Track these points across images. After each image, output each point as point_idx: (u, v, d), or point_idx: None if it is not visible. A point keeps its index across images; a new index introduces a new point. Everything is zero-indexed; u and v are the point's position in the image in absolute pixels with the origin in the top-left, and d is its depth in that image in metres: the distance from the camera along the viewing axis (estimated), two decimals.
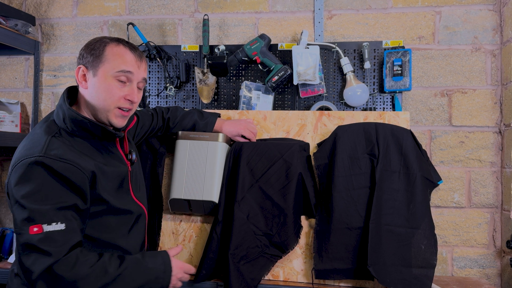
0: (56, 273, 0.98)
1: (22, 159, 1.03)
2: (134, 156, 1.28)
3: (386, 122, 1.55)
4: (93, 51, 1.13)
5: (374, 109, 1.81)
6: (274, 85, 1.77)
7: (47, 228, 0.99)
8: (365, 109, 1.81)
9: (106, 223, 1.15)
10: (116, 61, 1.12)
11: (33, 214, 0.99)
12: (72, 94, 1.19)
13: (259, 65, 1.82)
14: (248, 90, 1.83)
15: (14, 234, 1.81)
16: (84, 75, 1.14)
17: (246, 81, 1.85)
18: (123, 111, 1.16)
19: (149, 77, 1.95)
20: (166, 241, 1.60)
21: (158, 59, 1.90)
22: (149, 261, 1.14)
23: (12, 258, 1.74)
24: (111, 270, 1.05)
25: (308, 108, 1.84)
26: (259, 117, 1.65)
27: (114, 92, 1.13)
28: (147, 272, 1.12)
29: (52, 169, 1.01)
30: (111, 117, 1.15)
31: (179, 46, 1.94)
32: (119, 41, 1.16)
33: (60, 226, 1.00)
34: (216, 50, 1.84)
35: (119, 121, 1.17)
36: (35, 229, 0.98)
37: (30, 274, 0.99)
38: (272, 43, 1.85)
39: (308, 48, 1.78)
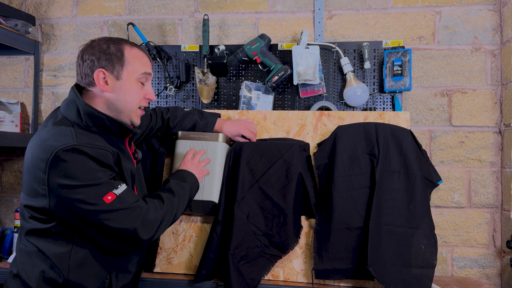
0: (149, 219, 1.12)
1: (56, 151, 1.03)
2: (140, 155, 1.33)
3: (386, 122, 1.55)
4: (112, 54, 1.15)
5: (374, 109, 1.81)
6: (274, 85, 1.77)
7: (117, 191, 1.08)
8: (365, 109, 1.81)
9: None
10: (137, 64, 1.19)
11: (99, 187, 1.06)
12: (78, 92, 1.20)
13: (259, 65, 1.82)
14: (248, 90, 1.83)
15: (15, 235, 1.81)
16: (105, 78, 1.15)
17: (246, 81, 1.85)
18: (142, 110, 1.25)
19: None
20: (166, 241, 1.60)
21: (158, 59, 1.90)
22: (181, 182, 1.32)
23: (12, 258, 1.74)
24: (173, 198, 1.24)
25: (308, 108, 1.84)
26: (259, 117, 1.65)
27: (138, 94, 1.20)
28: (185, 187, 1.31)
29: (89, 155, 1.06)
30: (134, 117, 1.22)
31: (179, 46, 1.94)
32: (132, 44, 1.21)
33: (124, 187, 1.11)
34: (216, 50, 1.84)
35: (138, 120, 1.25)
36: (109, 197, 1.06)
37: (131, 231, 1.09)
38: (272, 43, 1.85)
39: (308, 48, 1.78)
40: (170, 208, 1.21)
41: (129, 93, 1.18)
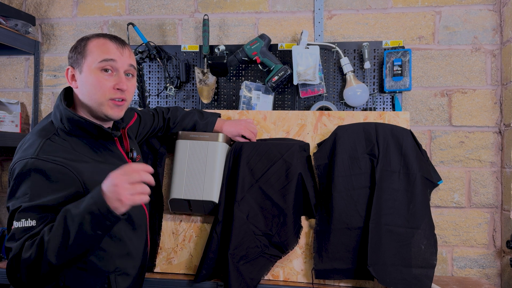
0: (11, 269, 0.97)
1: (17, 161, 1.05)
2: (135, 154, 1.27)
3: (386, 122, 1.55)
4: (76, 50, 1.14)
5: (374, 109, 1.81)
6: (274, 85, 1.77)
7: (16, 224, 0.99)
8: (365, 109, 1.81)
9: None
10: (97, 52, 1.12)
11: (14, 212, 1.01)
12: (69, 95, 1.20)
13: (259, 65, 1.82)
14: (248, 90, 1.83)
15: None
16: (73, 75, 1.15)
17: (246, 81, 1.85)
18: (116, 101, 1.14)
19: (149, 77, 1.95)
20: (166, 241, 1.60)
21: (158, 59, 1.90)
22: (70, 214, 0.96)
23: None
24: (46, 238, 0.94)
25: (308, 108, 1.84)
26: (259, 117, 1.65)
27: (102, 84, 1.11)
28: (69, 225, 0.94)
29: (42, 171, 1.02)
30: (106, 110, 1.14)
31: (179, 46, 1.94)
32: (99, 34, 1.16)
33: (28, 223, 0.98)
34: (216, 50, 1.84)
35: (115, 112, 1.15)
36: (14, 223, 1.00)
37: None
38: (272, 43, 1.85)
39: (308, 48, 1.78)
40: (35, 254, 0.94)
41: (89, 85, 1.11)
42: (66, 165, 1.06)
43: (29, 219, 0.98)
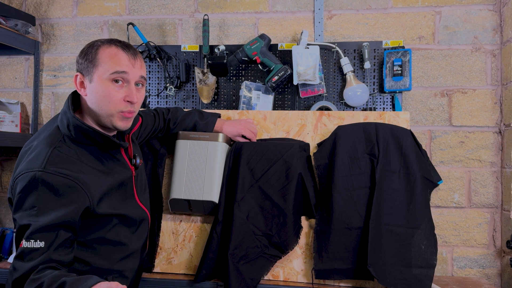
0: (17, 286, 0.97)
1: (23, 172, 1.03)
2: (138, 161, 1.27)
3: (386, 122, 1.55)
4: (87, 56, 1.11)
5: (374, 109, 1.81)
6: (274, 85, 1.77)
7: (25, 243, 0.97)
8: (365, 109, 1.81)
9: (112, 230, 1.16)
10: (109, 63, 1.09)
11: (23, 229, 0.99)
12: (76, 99, 1.18)
13: (259, 65, 1.82)
14: (248, 90, 1.83)
15: (14, 235, 1.81)
16: (82, 82, 1.13)
17: (246, 81, 1.85)
18: (126, 113, 1.13)
19: (149, 77, 1.95)
20: (166, 241, 1.60)
21: (158, 59, 1.90)
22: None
23: (11, 258, 1.74)
24: None
25: (308, 108, 1.84)
26: (259, 117, 1.65)
27: (112, 96, 1.10)
28: None
29: (50, 184, 1.01)
30: (115, 121, 1.13)
31: (179, 46, 1.94)
32: (111, 42, 1.13)
33: (38, 244, 0.98)
34: (216, 50, 1.84)
35: (124, 123, 1.15)
36: (22, 242, 0.98)
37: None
38: (272, 43, 1.85)
39: (308, 48, 1.78)
40: None
41: (100, 96, 1.10)
42: (73, 178, 1.04)
43: (38, 240, 0.98)
